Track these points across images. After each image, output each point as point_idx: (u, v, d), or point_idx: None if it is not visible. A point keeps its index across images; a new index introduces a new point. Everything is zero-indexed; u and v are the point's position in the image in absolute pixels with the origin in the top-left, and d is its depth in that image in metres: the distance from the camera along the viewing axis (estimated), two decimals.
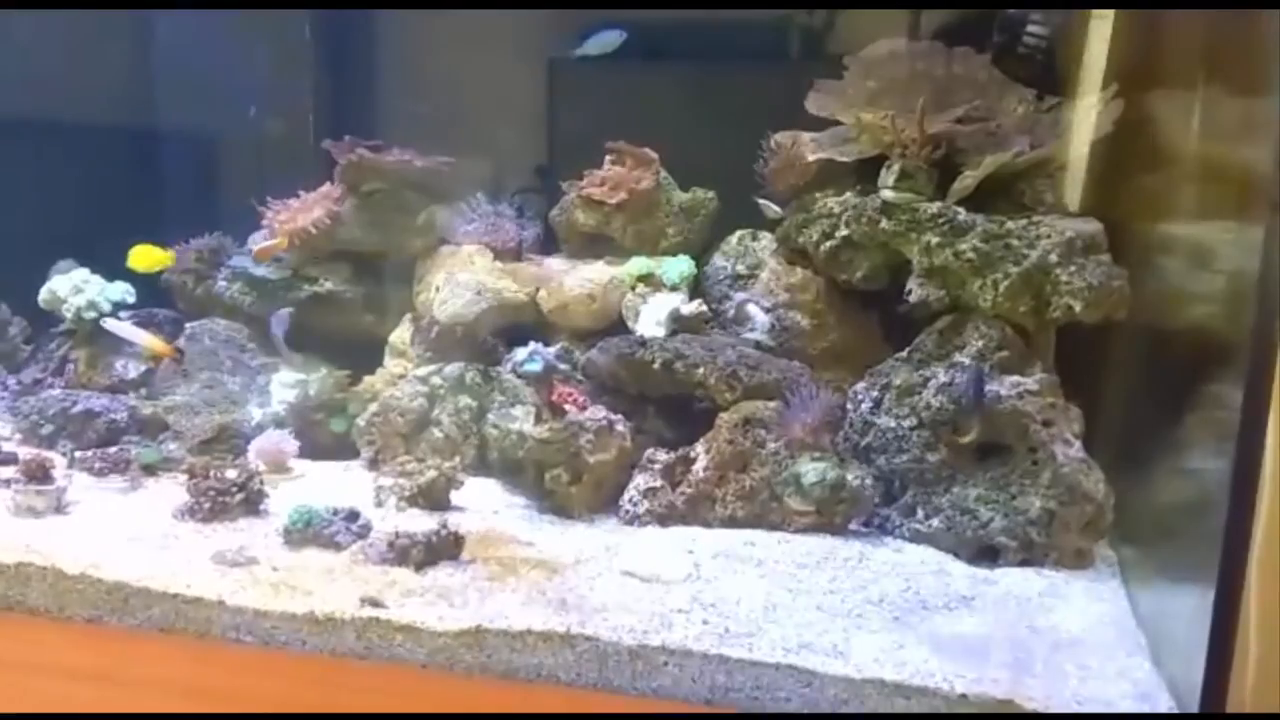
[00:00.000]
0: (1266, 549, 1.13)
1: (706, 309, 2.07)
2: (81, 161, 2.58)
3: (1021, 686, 1.24)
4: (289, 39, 2.67)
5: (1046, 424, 1.68)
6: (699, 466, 1.80)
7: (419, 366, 2.15)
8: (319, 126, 2.62)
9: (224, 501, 1.73)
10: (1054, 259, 1.73)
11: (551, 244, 2.37)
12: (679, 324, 2.02)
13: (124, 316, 2.32)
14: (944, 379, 1.72)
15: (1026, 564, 1.63)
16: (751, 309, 2.02)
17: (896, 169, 1.85)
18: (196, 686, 1.39)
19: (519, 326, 2.19)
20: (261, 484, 1.80)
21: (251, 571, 1.52)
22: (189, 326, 2.33)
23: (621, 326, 2.10)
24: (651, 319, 2.03)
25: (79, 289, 2.33)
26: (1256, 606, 1.14)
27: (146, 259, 2.30)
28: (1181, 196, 1.61)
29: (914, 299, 1.83)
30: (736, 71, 2.38)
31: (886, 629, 1.38)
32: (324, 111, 2.68)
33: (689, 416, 1.91)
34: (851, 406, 1.84)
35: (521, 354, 1.92)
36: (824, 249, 1.96)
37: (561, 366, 2.00)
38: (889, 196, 1.85)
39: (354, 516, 1.68)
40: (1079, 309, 1.71)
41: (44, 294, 2.35)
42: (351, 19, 2.70)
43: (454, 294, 2.15)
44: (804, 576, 1.55)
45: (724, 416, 1.83)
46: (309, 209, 2.30)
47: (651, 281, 2.11)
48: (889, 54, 2.03)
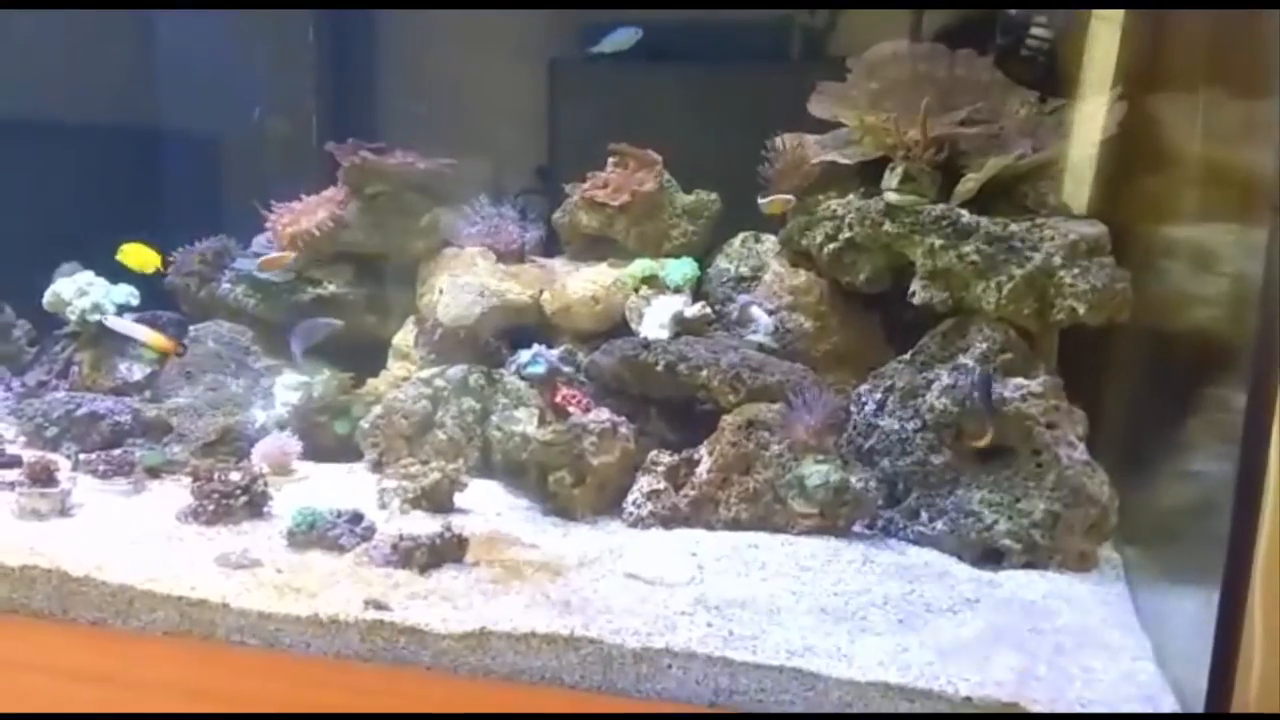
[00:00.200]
0: (1271, 551, 1.13)
1: (710, 311, 2.07)
2: (85, 164, 2.58)
3: (1026, 689, 1.24)
4: (292, 40, 2.67)
5: (1050, 426, 1.68)
6: (702, 469, 1.80)
7: (422, 369, 2.15)
8: (322, 128, 2.63)
9: (228, 504, 1.73)
10: (1057, 261, 1.73)
11: (554, 246, 2.37)
12: (682, 326, 2.02)
13: (127, 319, 2.32)
14: (948, 381, 1.72)
15: (1030, 566, 1.63)
16: (755, 311, 2.02)
17: (899, 171, 1.85)
18: (201, 689, 1.39)
19: (522, 329, 2.19)
20: (265, 486, 1.80)
21: (255, 574, 1.52)
22: (193, 329, 2.33)
23: (625, 328, 2.10)
24: (655, 321, 2.03)
25: (83, 291, 2.33)
26: (1261, 608, 1.14)
27: (136, 257, 2.30)
28: (1185, 199, 1.61)
29: (917, 301, 1.83)
30: (739, 73, 2.38)
31: (890, 631, 1.38)
32: (327, 113, 2.69)
33: (692, 419, 1.91)
34: (855, 409, 1.84)
35: (525, 356, 1.93)
36: (827, 251, 1.96)
37: (565, 369, 2.00)
38: (892, 199, 1.85)
39: (357, 519, 1.68)
40: (1082, 311, 1.71)
41: (48, 296, 2.36)
42: (354, 20, 2.70)
43: (457, 296, 2.15)
44: (808, 579, 1.55)
45: (727, 419, 1.83)
46: (312, 211, 2.31)
47: (655, 284, 2.11)
48: (892, 56, 2.03)
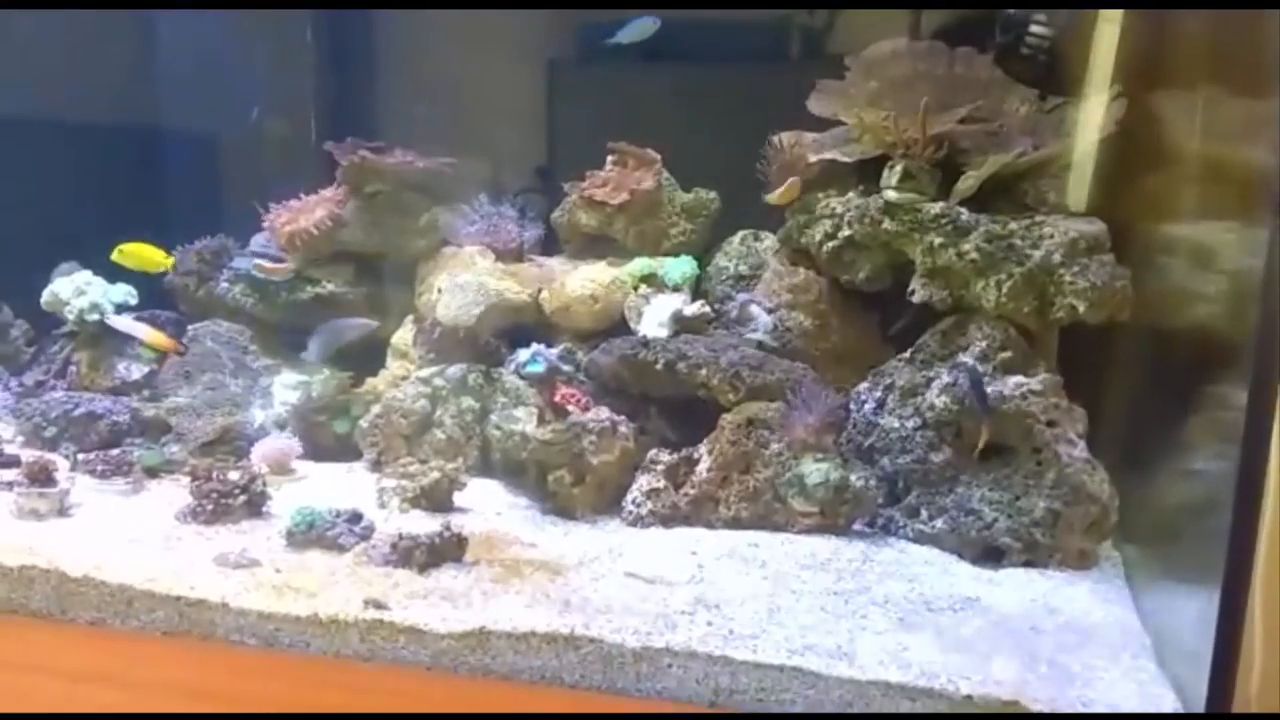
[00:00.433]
0: (1271, 549, 1.13)
1: (709, 309, 2.07)
2: (84, 163, 2.58)
3: (1026, 688, 1.24)
4: (290, 40, 2.67)
5: (1050, 424, 1.68)
6: (702, 467, 1.80)
7: (421, 368, 2.14)
8: (321, 128, 2.63)
9: (226, 504, 1.73)
10: (1057, 259, 1.72)
11: (553, 245, 2.37)
12: (681, 325, 2.02)
13: (126, 318, 2.32)
14: (947, 379, 1.72)
15: (1030, 565, 1.63)
16: (754, 309, 2.01)
17: (899, 169, 1.85)
18: (200, 689, 1.39)
19: (521, 328, 2.19)
20: (264, 486, 1.79)
21: (254, 574, 1.52)
22: (191, 328, 2.33)
23: (624, 327, 2.10)
24: (654, 320, 2.03)
25: (81, 291, 2.33)
26: (1262, 607, 1.14)
27: (139, 257, 2.30)
28: (1185, 197, 1.61)
29: (917, 299, 1.83)
30: (738, 72, 2.38)
31: (891, 630, 1.38)
32: (326, 112, 2.68)
33: (692, 417, 1.91)
34: (855, 407, 1.84)
35: (524, 355, 1.93)
36: (826, 249, 1.96)
37: (564, 368, 2.00)
38: (891, 197, 1.85)
39: (357, 518, 1.68)
40: (1082, 309, 1.70)
41: (46, 296, 2.36)
42: (353, 20, 2.70)
43: (456, 295, 2.15)
44: (808, 578, 1.55)
45: (727, 417, 1.83)
46: (310, 210, 2.31)
47: (654, 282, 2.11)
48: (891, 54, 2.02)
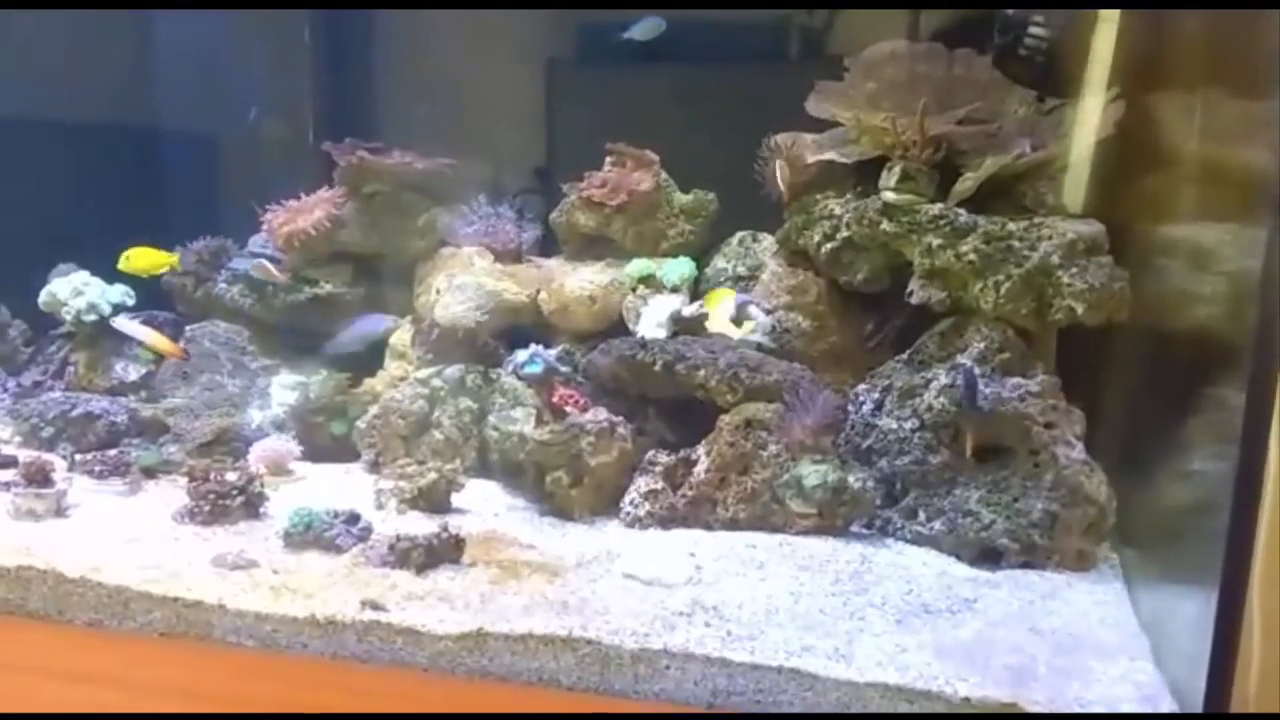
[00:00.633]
0: (1269, 551, 1.13)
1: (707, 310, 2.06)
2: (81, 163, 2.58)
3: (1024, 689, 1.23)
4: (289, 40, 2.67)
5: (1048, 426, 1.68)
6: (700, 469, 1.80)
7: (419, 369, 2.14)
8: (319, 128, 2.63)
9: (224, 504, 1.73)
10: (1055, 261, 1.72)
11: (552, 246, 2.37)
12: (680, 325, 2.02)
13: (123, 318, 2.32)
14: (945, 381, 1.72)
15: (1028, 566, 1.63)
16: (752, 310, 2.01)
17: (897, 170, 1.85)
18: (197, 690, 1.39)
19: (519, 328, 2.19)
20: (262, 487, 1.79)
21: (252, 575, 1.51)
22: (189, 329, 2.33)
23: (622, 328, 2.10)
24: (652, 320, 2.03)
25: (79, 291, 2.33)
26: (1260, 608, 1.14)
27: (145, 260, 2.29)
28: (1183, 198, 1.61)
29: (915, 300, 1.83)
30: (736, 72, 2.38)
31: (889, 632, 1.38)
32: (324, 113, 2.68)
33: (690, 418, 1.91)
34: (853, 408, 1.84)
35: (522, 356, 1.92)
36: (825, 250, 1.96)
37: (562, 368, 1.99)
38: (890, 198, 1.85)
39: (354, 519, 1.67)
40: (1080, 311, 1.71)
41: (44, 296, 2.35)
42: (351, 20, 2.70)
43: (454, 296, 2.15)
44: (806, 579, 1.55)
45: (725, 418, 1.83)
46: (309, 211, 2.31)
47: (652, 283, 2.11)
48: (889, 55, 2.03)
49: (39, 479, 1.76)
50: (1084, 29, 1.86)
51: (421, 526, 1.63)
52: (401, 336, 2.28)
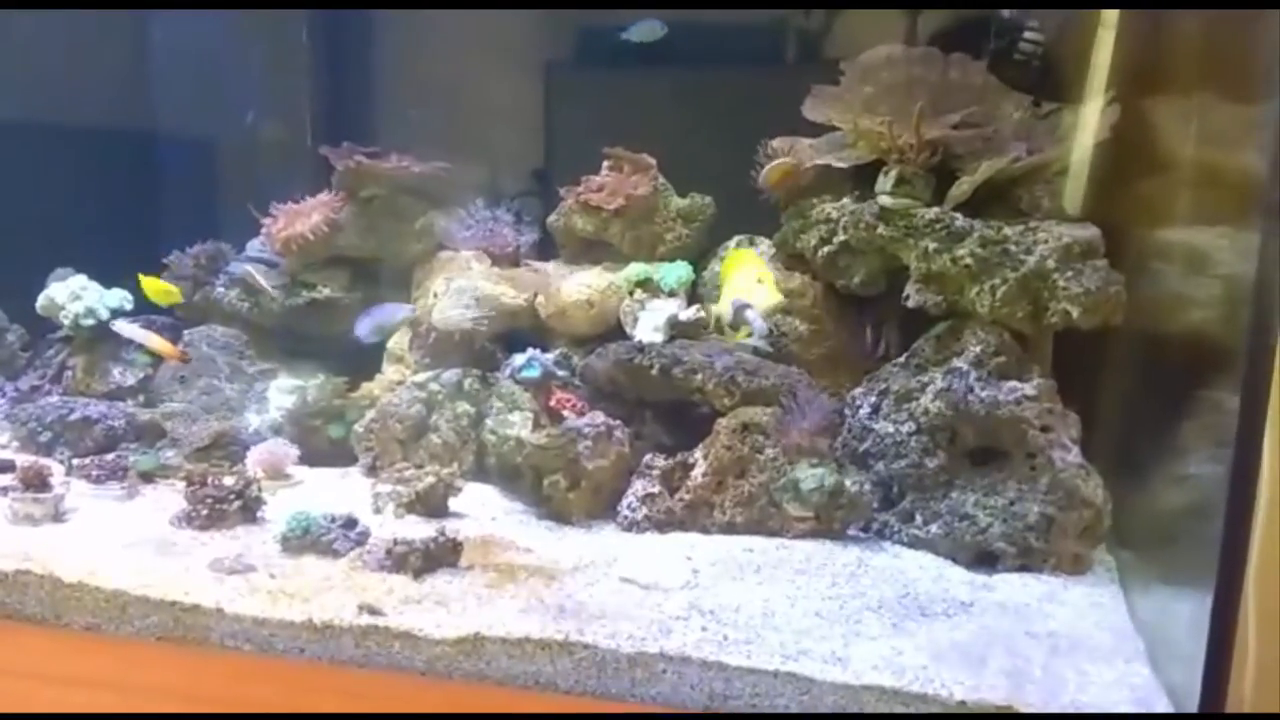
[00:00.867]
0: (1264, 553, 1.13)
1: (704, 314, 2.07)
2: (79, 166, 2.58)
3: (1020, 692, 1.24)
4: (287, 43, 2.67)
5: (1044, 429, 1.68)
6: (697, 472, 1.80)
7: (417, 372, 2.15)
8: (316, 132, 2.63)
9: (221, 509, 1.73)
10: (1051, 264, 1.73)
11: (549, 249, 2.37)
12: (677, 329, 2.02)
13: (122, 322, 2.31)
14: (942, 385, 1.72)
15: (1025, 569, 1.63)
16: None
17: (894, 174, 1.86)
18: (194, 694, 1.39)
19: (517, 332, 2.19)
20: (259, 491, 1.79)
21: (249, 579, 1.51)
22: (187, 333, 2.33)
23: (619, 332, 2.10)
24: (649, 324, 2.03)
25: (77, 296, 2.33)
26: (1255, 611, 1.14)
27: (151, 288, 2.29)
28: (1178, 202, 1.61)
29: (912, 304, 1.84)
30: (733, 76, 2.38)
31: (885, 635, 1.38)
32: (322, 117, 2.68)
33: (687, 422, 1.91)
34: (849, 412, 1.85)
35: (519, 360, 1.93)
36: (822, 254, 1.96)
37: (559, 372, 2.00)
38: (886, 202, 1.86)
39: (352, 523, 1.67)
40: (1076, 314, 1.71)
41: (42, 301, 2.35)
42: (349, 23, 2.70)
43: (452, 300, 2.15)
44: (802, 583, 1.55)
45: (722, 422, 1.83)
46: (306, 215, 2.31)
47: (649, 287, 2.11)
48: (886, 59, 2.03)
49: (36, 483, 1.76)
50: (1079, 33, 1.86)
51: (419, 530, 1.63)
52: (399, 340, 2.29)
